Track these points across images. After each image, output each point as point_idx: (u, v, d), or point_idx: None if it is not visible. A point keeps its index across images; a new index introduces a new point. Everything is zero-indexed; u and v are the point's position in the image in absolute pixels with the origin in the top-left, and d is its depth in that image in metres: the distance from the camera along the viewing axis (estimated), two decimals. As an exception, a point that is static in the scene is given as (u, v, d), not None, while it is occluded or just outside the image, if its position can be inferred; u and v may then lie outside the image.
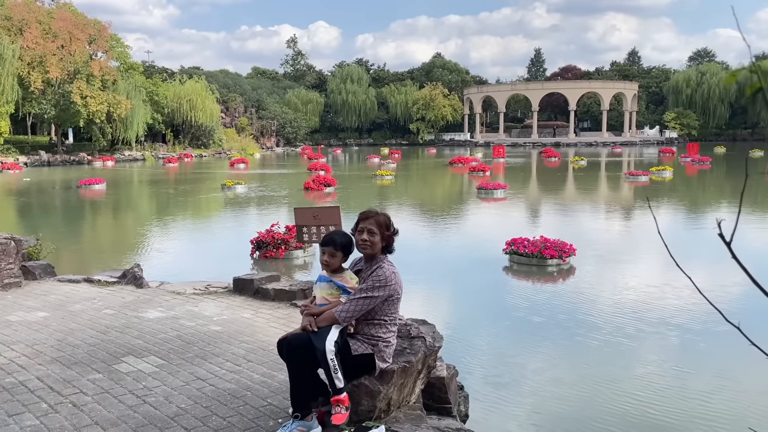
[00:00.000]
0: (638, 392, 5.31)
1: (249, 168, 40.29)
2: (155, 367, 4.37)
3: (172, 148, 60.61)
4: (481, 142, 77.77)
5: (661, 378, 5.66)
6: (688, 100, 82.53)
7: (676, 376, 5.72)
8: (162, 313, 5.81)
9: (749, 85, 1.07)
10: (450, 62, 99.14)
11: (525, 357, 6.29)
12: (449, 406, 3.93)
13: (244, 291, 6.47)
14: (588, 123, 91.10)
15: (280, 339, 3.55)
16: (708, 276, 9.58)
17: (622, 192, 24.16)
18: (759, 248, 12.00)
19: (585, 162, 39.10)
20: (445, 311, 8.05)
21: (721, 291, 8.55)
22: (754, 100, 78.81)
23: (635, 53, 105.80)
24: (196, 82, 64.32)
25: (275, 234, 11.04)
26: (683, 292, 8.50)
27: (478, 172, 30.71)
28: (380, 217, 3.54)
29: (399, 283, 3.49)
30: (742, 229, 14.47)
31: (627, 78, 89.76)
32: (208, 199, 22.98)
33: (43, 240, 9.13)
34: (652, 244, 12.82)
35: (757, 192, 24.24)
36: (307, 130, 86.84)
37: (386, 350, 3.47)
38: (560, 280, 9.72)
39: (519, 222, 16.44)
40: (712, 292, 8.56)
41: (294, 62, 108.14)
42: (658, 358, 6.24)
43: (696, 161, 38.01)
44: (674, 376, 5.74)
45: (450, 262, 11.29)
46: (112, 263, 10.61)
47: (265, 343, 4.88)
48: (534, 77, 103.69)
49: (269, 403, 3.75)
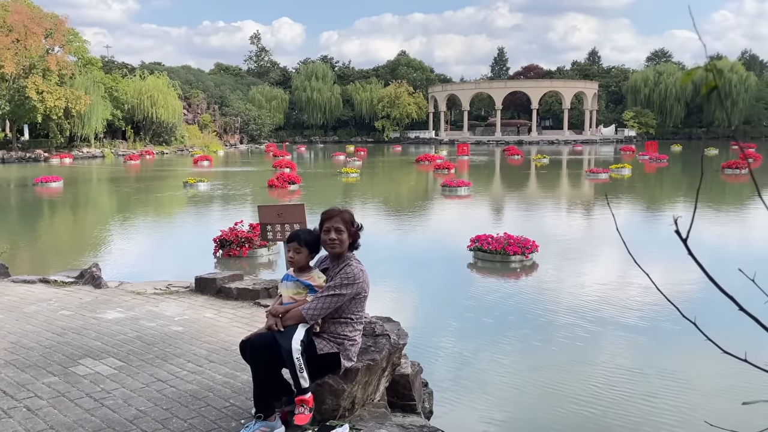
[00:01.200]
0: (596, 390, 5.41)
1: (213, 165, 39.72)
2: (114, 369, 4.26)
3: (132, 145, 59.31)
4: (445, 140, 78.25)
5: (618, 373, 5.78)
6: (646, 100, 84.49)
7: (633, 372, 5.84)
8: (121, 313, 5.67)
9: (704, 84, 1.08)
10: (415, 60, 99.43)
11: (488, 353, 6.34)
12: (414, 403, 3.94)
13: (206, 290, 6.37)
14: (550, 121, 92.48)
15: (243, 340, 3.50)
16: (667, 272, 9.83)
17: (583, 189, 24.62)
18: (715, 244, 12.37)
19: (547, 160, 39.70)
20: (410, 308, 8.07)
21: (680, 287, 8.78)
22: (709, 98, 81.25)
23: (595, 53, 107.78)
24: (158, 77, 63.05)
25: (239, 232, 10.91)
26: (643, 288, 8.70)
27: (443, 169, 30.88)
28: (345, 214, 3.52)
29: (366, 281, 3.48)
30: (699, 225, 14.88)
31: (587, 77, 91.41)
32: (170, 197, 22.58)
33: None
34: (613, 241, 13.10)
35: (711, 189, 24.98)
36: (271, 127, 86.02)
37: (352, 349, 3.45)
38: (523, 276, 9.85)
39: (483, 219, 16.58)
40: (671, 288, 8.78)
41: (258, 58, 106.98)
42: (617, 354, 6.37)
43: (654, 159, 38.95)
44: (630, 371, 5.86)
45: (415, 258, 11.33)
46: (69, 263, 10.33)
47: (227, 343, 4.81)
48: (497, 76, 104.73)
49: (232, 403, 3.69)
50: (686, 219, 1.10)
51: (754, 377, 5.30)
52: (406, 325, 4.97)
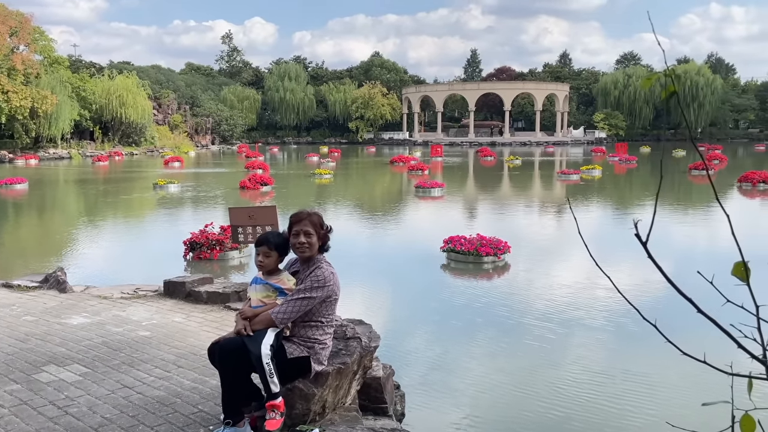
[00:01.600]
0: (562, 391, 5.47)
1: (184, 167, 39.22)
2: (78, 375, 4.17)
3: (100, 145, 58.22)
4: (419, 141, 78.51)
5: (585, 374, 5.84)
6: (615, 102, 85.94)
7: (598, 374, 5.92)
8: (86, 318, 5.55)
9: (663, 89, 1.09)
10: (388, 61, 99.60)
11: (459, 355, 6.36)
12: (385, 406, 3.92)
13: (175, 294, 6.27)
14: (522, 123, 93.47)
15: (211, 344, 3.45)
16: (634, 273, 9.99)
17: (555, 190, 24.90)
18: (680, 245, 12.62)
19: (520, 161, 40.08)
20: (383, 310, 8.06)
21: (645, 288, 8.93)
22: (668, 102, 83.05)
23: (566, 56, 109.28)
24: (127, 77, 62.02)
25: (209, 234, 10.77)
26: (610, 290, 8.81)
27: (417, 170, 30.97)
28: (314, 217, 3.49)
29: (337, 284, 3.45)
30: (665, 226, 15.18)
31: (559, 79, 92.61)
32: (139, 199, 22.22)
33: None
34: (587, 240, 13.27)
35: (679, 190, 25.50)
36: (243, 127, 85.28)
37: (322, 352, 3.42)
38: (495, 277, 9.91)
39: (456, 220, 16.66)
40: (637, 289, 8.93)
41: (230, 58, 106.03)
42: (584, 355, 6.44)
43: (623, 160, 39.60)
44: (596, 373, 5.94)
45: (388, 260, 11.33)
46: (33, 267, 10.09)
47: (196, 347, 4.74)
48: (470, 77, 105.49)
49: (200, 409, 3.63)
50: (649, 221, 1.10)
51: (714, 378, 5.39)
52: (378, 327, 4.95)
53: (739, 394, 1.13)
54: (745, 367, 1.18)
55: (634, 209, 18.69)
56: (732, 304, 1.10)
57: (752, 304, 1.13)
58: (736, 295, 1.16)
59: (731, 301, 1.11)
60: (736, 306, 1.09)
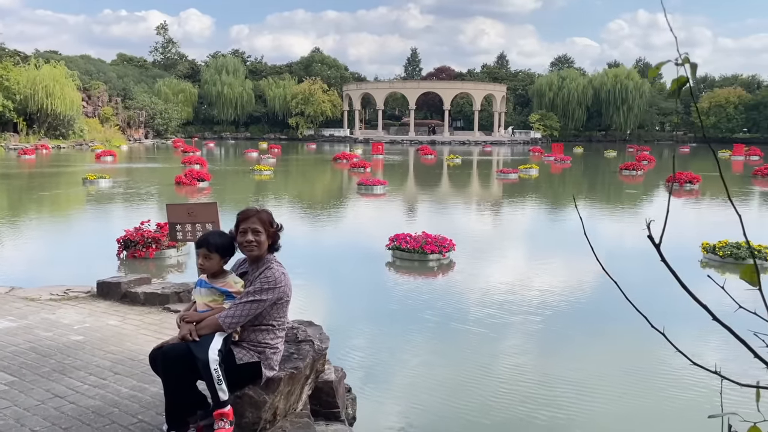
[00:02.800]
0: (499, 387, 5.49)
1: (117, 161, 37.69)
2: (4, 385, 3.84)
3: (25, 138, 55.20)
4: (360, 139, 78.40)
5: (528, 371, 5.89)
6: (550, 103, 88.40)
7: (535, 372, 5.98)
8: (12, 322, 5.15)
9: (675, 80, 1.01)
10: (329, 58, 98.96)
11: (409, 354, 6.30)
12: (338, 411, 3.79)
13: (109, 295, 5.92)
14: (461, 122, 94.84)
15: (153, 350, 3.23)
16: (568, 267, 10.22)
17: (494, 189, 25.31)
18: (614, 239, 13.01)
19: (460, 160, 40.58)
20: (329, 310, 7.91)
21: (582, 280, 9.15)
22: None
23: (503, 57, 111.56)
24: (54, 67, 59.07)
25: (145, 232, 10.32)
26: (547, 288, 8.98)
27: (358, 168, 30.85)
28: (262, 214, 3.32)
29: (289, 285, 3.30)
30: (597, 221, 15.65)
31: (496, 80, 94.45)
32: (68, 195, 21.16)
33: None
34: (525, 239, 13.52)
35: (610, 188, 26.44)
36: (179, 121, 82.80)
37: (273, 357, 3.25)
38: (440, 275, 9.91)
39: (399, 218, 16.65)
40: (575, 281, 9.13)
41: (164, 50, 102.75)
42: (526, 351, 6.50)
43: (558, 160, 40.73)
44: (533, 371, 6.00)
45: (333, 258, 11.16)
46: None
47: (134, 352, 4.47)
48: (411, 76, 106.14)
49: (140, 419, 3.40)
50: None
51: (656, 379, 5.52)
52: (325, 328, 4.82)
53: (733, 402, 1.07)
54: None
55: (569, 206, 19.20)
56: (745, 310, 1.04)
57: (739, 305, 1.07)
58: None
59: (744, 307, 1.05)
60: (749, 312, 1.03)
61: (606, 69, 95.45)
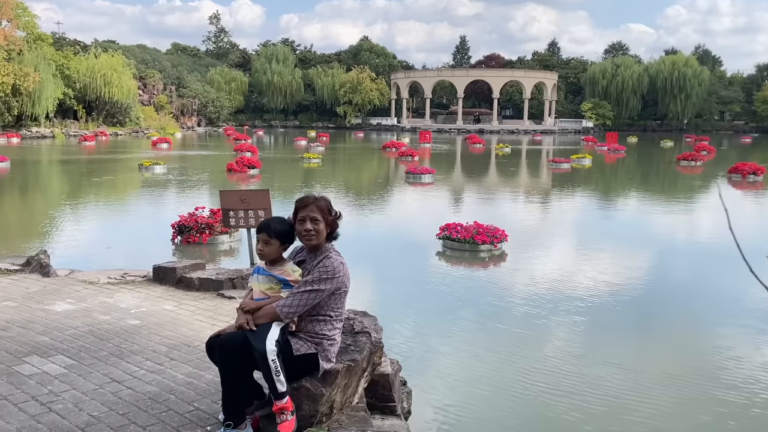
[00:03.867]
0: (560, 381, 5.28)
1: (172, 148, 38.54)
2: (63, 368, 3.88)
3: (84, 125, 57.15)
4: (407, 127, 78.08)
5: (587, 370, 5.66)
6: (603, 91, 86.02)
7: (602, 364, 5.73)
8: (72, 305, 5.24)
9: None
10: (377, 46, 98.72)
11: (460, 345, 6.14)
12: (393, 405, 3.68)
13: (165, 280, 5.97)
14: (510, 111, 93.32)
15: (210, 338, 3.18)
16: (624, 259, 9.85)
17: (547, 179, 24.74)
18: (668, 233, 12.49)
19: (509, 149, 39.89)
20: (379, 299, 7.82)
21: (629, 274, 8.81)
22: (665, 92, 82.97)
23: (555, 44, 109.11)
24: (112, 56, 60.83)
25: (199, 218, 10.44)
26: (607, 278, 8.67)
27: (406, 156, 30.68)
28: (321, 202, 3.22)
29: (347, 275, 3.19)
30: (655, 213, 15.09)
31: (547, 68, 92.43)
32: (125, 180, 21.74)
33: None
34: (579, 230, 13.12)
35: (658, 178, 25.54)
36: (230, 110, 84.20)
37: (331, 349, 3.16)
38: (491, 265, 9.70)
39: (448, 207, 16.44)
40: (620, 274, 8.79)
41: (217, 39, 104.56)
42: (583, 345, 6.26)
43: (612, 150, 39.59)
44: (601, 364, 5.75)
45: (381, 247, 11.07)
46: (15, 249, 9.70)
47: (189, 338, 4.47)
48: (459, 64, 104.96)
49: (196, 407, 3.37)
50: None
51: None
52: (377, 317, 4.72)
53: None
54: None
55: (624, 197, 18.57)
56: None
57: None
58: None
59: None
60: None
61: (663, 56, 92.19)
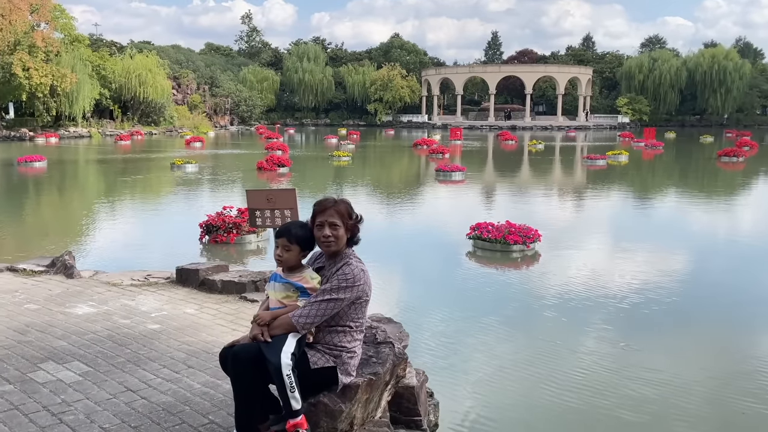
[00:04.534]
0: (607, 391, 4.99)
1: (206, 147, 38.90)
2: (79, 375, 3.76)
3: (120, 125, 58.20)
4: (438, 124, 77.52)
5: (628, 380, 5.35)
6: (640, 86, 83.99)
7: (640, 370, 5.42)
8: (92, 308, 5.16)
9: None
10: (408, 43, 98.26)
11: (492, 352, 5.89)
12: (419, 419, 3.48)
13: (188, 282, 5.86)
14: (543, 107, 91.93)
15: (223, 349, 3.01)
16: (664, 261, 9.46)
17: (582, 176, 24.16)
18: (711, 234, 11.99)
19: (543, 146, 39.20)
20: (406, 302, 7.60)
21: (664, 279, 8.43)
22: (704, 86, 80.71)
23: (589, 38, 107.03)
24: (146, 56, 61.77)
25: (226, 217, 10.38)
26: (645, 281, 8.30)
27: (437, 154, 30.38)
28: (340, 206, 3.02)
29: (368, 283, 2.99)
30: (694, 213, 14.54)
31: (582, 63, 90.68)
32: (158, 179, 21.94)
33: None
34: (616, 230, 12.68)
35: (698, 176, 24.74)
36: (262, 108, 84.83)
37: (350, 362, 2.96)
38: (524, 267, 9.40)
39: (479, 205, 16.13)
40: (654, 279, 8.41)
41: (249, 39, 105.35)
42: (630, 350, 5.94)
43: (650, 146, 38.58)
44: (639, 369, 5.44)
45: (410, 246, 10.85)
46: (43, 248, 9.77)
47: (209, 344, 4.33)
48: (491, 60, 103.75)
49: (211, 420, 3.21)
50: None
51: None
52: (402, 320, 4.51)
53: None
54: None
55: (661, 195, 17.98)
56: None
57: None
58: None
59: None
60: None
61: (702, 49, 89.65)
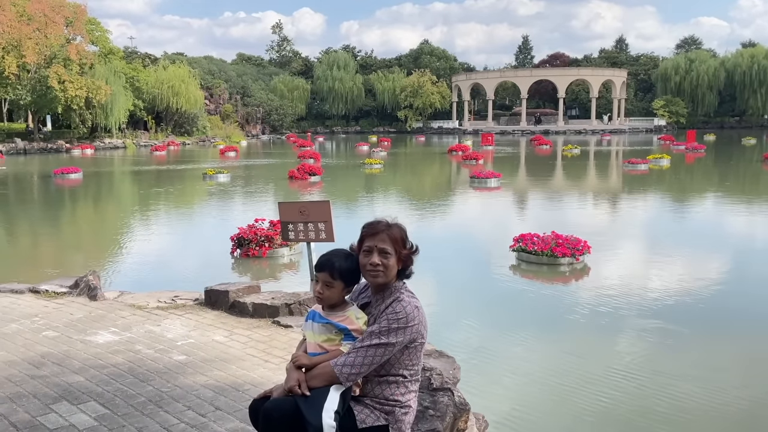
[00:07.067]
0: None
1: (239, 157, 38.93)
2: (93, 419, 3.35)
3: (154, 135, 58.91)
4: (469, 130, 76.70)
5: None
6: (676, 88, 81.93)
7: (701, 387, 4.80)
8: (115, 335, 4.77)
9: None
10: (438, 49, 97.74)
11: (549, 380, 5.33)
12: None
13: (217, 305, 5.45)
14: (576, 110, 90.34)
15: (254, 401, 2.54)
16: (715, 277, 8.74)
17: (624, 182, 23.26)
18: None
19: (578, 150, 38.22)
20: (448, 324, 7.06)
21: (729, 298, 7.72)
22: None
23: (623, 41, 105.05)
24: (179, 67, 62.52)
25: (258, 230, 10.00)
26: (706, 296, 7.63)
27: (470, 160, 29.77)
28: (394, 231, 2.53)
29: (424, 323, 2.49)
30: (745, 217, 13.70)
31: (615, 65, 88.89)
32: (192, 189, 21.81)
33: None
34: (672, 239, 11.89)
35: (745, 179, 23.60)
36: (293, 117, 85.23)
37: (405, 419, 2.47)
38: (573, 281, 8.79)
39: (517, 214, 15.51)
40: (717, 298, 7.72)
41: (280, 48, 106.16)
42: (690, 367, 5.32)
43: (691, 149, 37.32)
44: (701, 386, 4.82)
45: (448, 261, 10.29)
46: (73, 263, 9.52)
47: (239, 378, 3.89)
48: (522, 64, 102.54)
49: (240, 480, 2.75)
50: None
51: None
52: (446, 346, 4.01)
53: None
54: None
55: (713, 201, 17.08)
56: None
57: None
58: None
59: None
60: None
61: (740, 49, 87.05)
